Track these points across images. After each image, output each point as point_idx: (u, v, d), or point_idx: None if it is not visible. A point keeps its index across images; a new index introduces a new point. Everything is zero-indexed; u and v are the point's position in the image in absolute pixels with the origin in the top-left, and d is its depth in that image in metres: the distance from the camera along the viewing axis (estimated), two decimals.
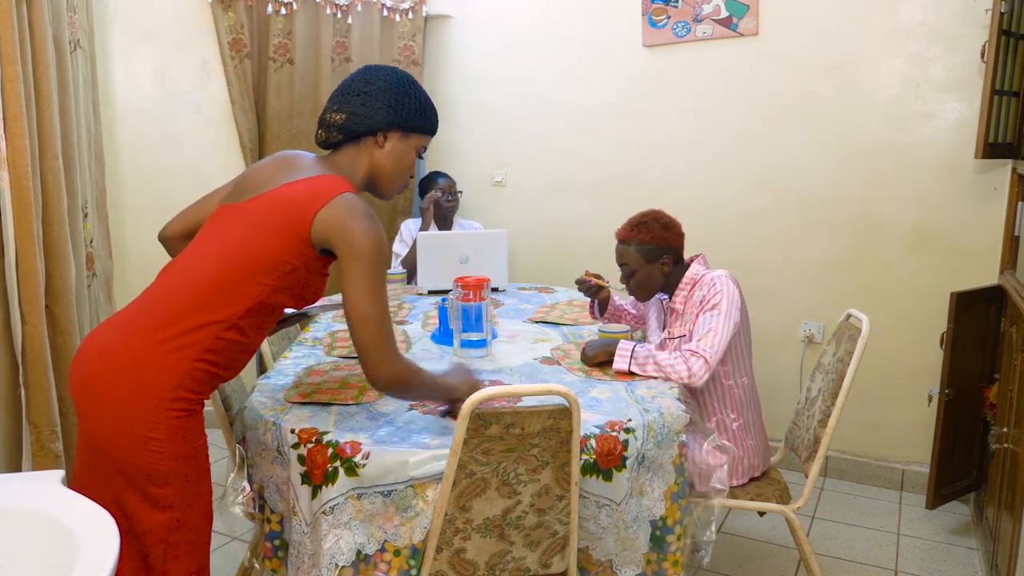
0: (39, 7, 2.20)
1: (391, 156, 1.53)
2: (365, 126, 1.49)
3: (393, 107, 1.50)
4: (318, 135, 1.55)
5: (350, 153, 1.52)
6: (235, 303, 1.39)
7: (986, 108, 2.44)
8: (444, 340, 2.21)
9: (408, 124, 1.53)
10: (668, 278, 2.09)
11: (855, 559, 2.44)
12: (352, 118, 1.49)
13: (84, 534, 0.98)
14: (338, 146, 1.53)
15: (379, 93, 1.49)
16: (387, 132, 1.51)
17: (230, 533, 2.56)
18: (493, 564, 1.50)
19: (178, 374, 1.35)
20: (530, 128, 3.50)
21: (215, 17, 3.22)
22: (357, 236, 1.37)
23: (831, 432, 1.87)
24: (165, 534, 1.36)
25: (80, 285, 2.53)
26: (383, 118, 1.49)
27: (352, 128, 1.49)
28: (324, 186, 1.42)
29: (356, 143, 1.52)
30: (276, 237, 1.40)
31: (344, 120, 1.49)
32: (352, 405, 1.67)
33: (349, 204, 1.39)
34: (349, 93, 1.50)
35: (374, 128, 1.50)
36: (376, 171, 1.54)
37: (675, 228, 2.09)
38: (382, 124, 1.50)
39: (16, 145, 2.07)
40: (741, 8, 2.96)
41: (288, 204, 1.41)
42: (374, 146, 1.52)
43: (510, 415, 1.38)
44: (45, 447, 2.20)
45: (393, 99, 1.50)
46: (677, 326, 2.05)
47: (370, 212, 1.41)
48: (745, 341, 2.05)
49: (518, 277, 3.47)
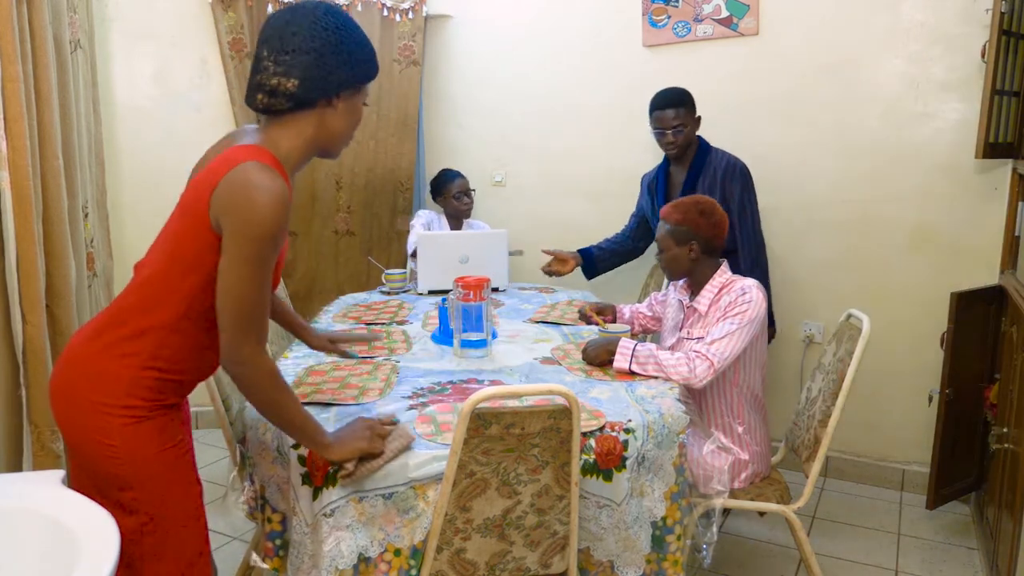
0: (39, 7, 2.20)
1: (344, 115, 1.35)
2: (320, 91, 1.30)
3: (348, 63, 1.31)
4: (257, 101, 1.31)
5: (290, 120, 1.32)
6: (171, 304, 1.29)
7: (986, 108, 2.44)
8: (444, 340, 2.21)
9: (363, 77, 1.36)
10: (696, 269, 2.05)
11: (855, 559, 2.43)
12: (306, 84, 1.28)
13: (84, 534, 0.98)
14: (280, 113, 1.32)
15: (330, 50, 1.29)
16: (340, 93, 1.33)
17: (230, 533, 2.56)
18: (493, 564, 1.50)
19: (125, 381, 1.28)
20: (530, 128, 3.50)
21: (215, 17, 3.22)
22: (244, 212, 1.19)
23: (831, 432, 1.87)
24: (137, 536, 1.30)
25: (80, 285, 2.53)
26: (339, 80, 1.31)
27: (307, 97, 1.29)
28: (224, 160, 1.25)
29: (303, 109, 1.32)
30: (190, 230, 1.26)
31: (296, 88, 1.28)
32: (352, 405, 1.67)
33: (244, 176, 1.21)
34: (294, 49, 1.27)
35: (329, 92, 1.31)
36: (329, 134, 1.36)
37: (713, 218, 2.03)
38: (339, 86, 1.31)
39: (16, 145, 2.07)
40: (741, 8, 2.96)
41: (195, 188, 1.27)
42: (326, 108, 1.33)
43: (510, 415, 1.38)
44: (46, 447, 2.20)
45: (345, 54, 1.31)
46: (697, 327, 2.03)
47: (269, 185, 1.21)
48: (760, 352, 2.03)
49: (518, 277, 3.47)
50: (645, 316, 2.41)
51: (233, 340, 1.24)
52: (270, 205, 1.20)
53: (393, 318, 2.55)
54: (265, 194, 1.20)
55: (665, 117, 2.63)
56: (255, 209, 1.19)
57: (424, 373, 1.93)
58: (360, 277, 3.61)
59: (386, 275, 3.06)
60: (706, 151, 2.66)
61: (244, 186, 1.20)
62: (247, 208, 1.19)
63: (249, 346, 1.25)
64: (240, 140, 1.33)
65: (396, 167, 3.55)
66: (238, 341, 1.24)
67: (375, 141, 3.51)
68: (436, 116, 3.70)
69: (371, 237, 3.60)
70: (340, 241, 3.59)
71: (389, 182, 3.56)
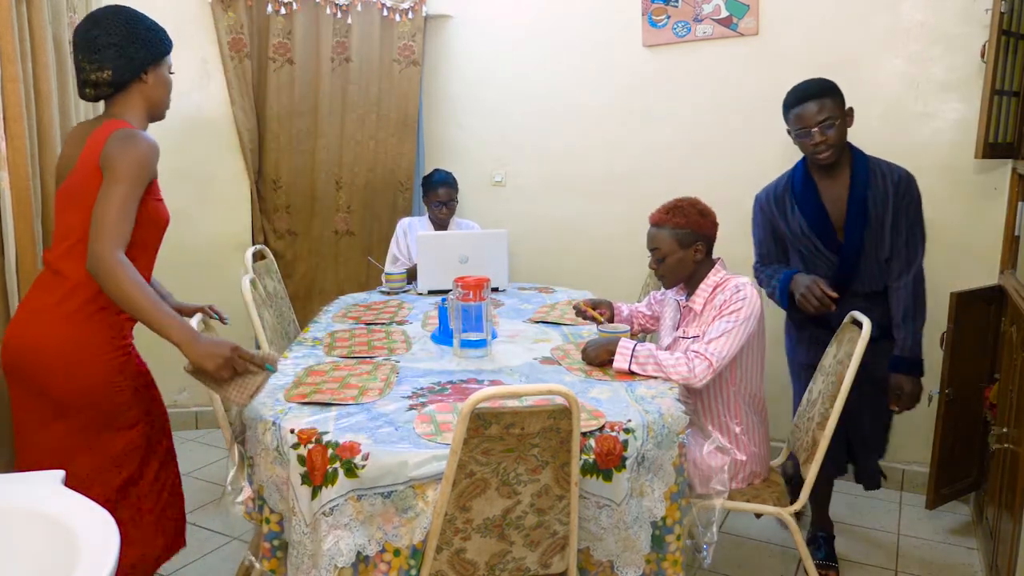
0: (39, 7, 2.20)
1: (156, 86, 1.75)
2: (130, 73, 1.69)
3: (144, 46, 1.70)
4: (86, 93, 1.71)
5: (122, 99, 1.71)
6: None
7: (986, 108, 2.44)
8: (444, 340, 2.21)
9: (159, 54, 1.74)
10: (694, 271, 2.05)
11: (855, 559, 2.43)
12: (117, 72, 1.67)
13: (84, 534, 0.98)
14: (109, 97, 1.72)
15: (126, 40, 1.67)
16: (146, 70, 1.71)
17: (230, 533, 2.56)
18: (493, 564, 1.50)
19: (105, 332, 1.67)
20: (530, 128, 3.50)
21: (215, 17, 3.22)
22: (119, 152, 1.58)
23: (830, 434, 1.86)
24: (141, 442, 1.74)
25: None
26: (141, 60, 1.70)
27: (119, 80, 1.69)
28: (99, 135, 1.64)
29: (124, 89, 1.71)
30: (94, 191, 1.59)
31: (111, 76, 1.67)
32: (352, 405, 1.67)
33: (117, 134, 1.61)
34: (99, 47, 1.66)
35: (136, 72, 1.70)
36: (151, 103, 1.75)
37: (711, 216, 2.05)
38: (142, 66, 1.70)
39: (16, 145, 2.07)
40: (741, 8, 2.96)
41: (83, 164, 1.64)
42: (140, 84, 1.72)
43: (510, 415, 1.38)
44: None
45: (140, 40, 1.69)
46: (693, 326, 2.03)
47: (137, 135, 1.62)
48: (758, 351, 2.03)
49: (518, 277, 3.47)
50: (644, 315, 2.40)
51: (96, 239, 1.54)
52: (136, 147, 1.60)
53: (393, 318, 2.55)
54: (129, 140, 1.60)
55: (807, 113, 2.15)
56: (136, 150, 1.60)
57: (424, 373, 1.93)
58: (360, 277, 3.61)
59: (386, 275, 3.06)
60: (865, 160, 2.20)
61: (125, 138, 1.61)
62: (131, 150, 1.59)
63: (106, 250, 1.53)
64: (93, 126, 1.70)
65: (396, 167, 3.55)
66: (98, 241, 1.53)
67: (375, 141, 3.51)
68: (436, 116, 3.71)
69: (371, 237, 3.61)
70: (340, 241, 3.59)
71: (389, 182, 3.56)
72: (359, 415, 1.61)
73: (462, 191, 3.52)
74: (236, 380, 1.57)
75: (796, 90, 2.23)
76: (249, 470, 1.66)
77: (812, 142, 2.15)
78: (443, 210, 3.23)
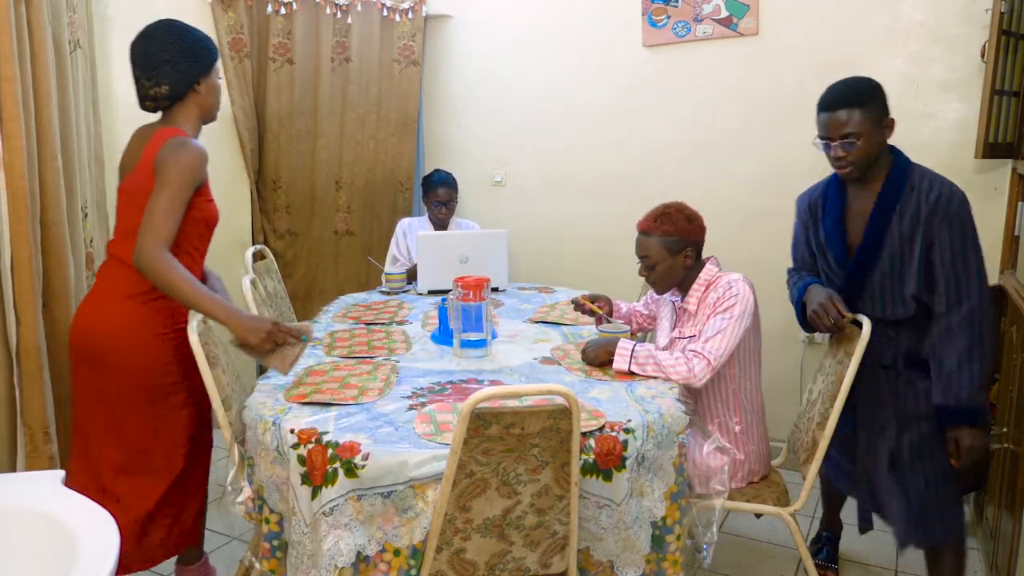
0: (38, 7, 2.20)
1: (208, 95, 1.94)
2: (184, 86, 1.88)
3: (195, 59, 1.88)
4: (147, 106, 1.92)
5: (178, 108, 1.91)
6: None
7: (986, 108, 2.44)
8: (444, 340, 2.21)
9: (208, 65, 1.92)
10: (685, 275, 2.06)
11: (855, 559, 2.43)
12: (173, 86, 1.87)
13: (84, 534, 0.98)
14: (167, 107, 1.91)
15: (179, 56, 1.86)
16: (199, 80, 1.90)
17: (230, 533, 2.56)
18: (493, 564, 1.50)
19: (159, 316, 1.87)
20: (530, 128, 3.50)
21: (215, 17, 3.21)
22: (171, 158, 1.77)
23: (829, 434, 1.87)
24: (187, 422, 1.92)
25: (79, 285, 2.53)
26: (194, 73, 1.88)
27: (176, 93, 1.88)
28: (156, 141, 1.83)
29: (181, 100, 1.90)
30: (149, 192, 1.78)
31: (168, 90, 1.87)
32: (352, 405, 1.67)
33: (171, 142, 1.79)
34: (156, 64, 1.85)
35: (191, 83, 1.89)
36: (204, 109, 1.95)
37: (698, 221, 2.06)
38: (195, 78, 1.89)
39: (12, 145, 2.06)
40: (741, 8, 2.96)
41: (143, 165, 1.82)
42: (194, 94, 1.91)
43: (510, 415, 1.38)
44: (39, 448, 2.19)
45: (191, 53, 1.87)
46: (688, 326, 2.03)
47: (189, 143, 1.80)
48: (754, 347, 2.03)
49: (518, 277, 3.47)
50: (642, 315, 2.40)
51: (144, 240, 1.71)
52: (185, 155, 1.78)
53: (393, 318, 2.55)
54: (180, 149, 1.78)
55: (833, 122, 1.87)
56: (185, 157, 1.77)
57: (424, 373, 1.93)
58: (360, 277, 3.61)
59: (386, 275, 3.06)
60: (905, 171, 1.89)
61: (177, 146, 1.79)
62: (181, 158, 1.77)
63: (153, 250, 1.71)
64: (152, 131, 1.89)
65: (396, 167, 3.55)
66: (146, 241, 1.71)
67: (375, 141, 3.51)
68: (436, 116, 3.70)
69: (371, 237, 3.60)
70: (340, 241, 3.59)
71: (389, 182, 3.56)
72: (359, 415, 1.61)
73: (462, 191, 3.52)
74: (277, 351, 1.75)
75: (829, 91, 1.95)
76: (249, 470, 1.66)
77: (833, 156, 1.91)
78: (443, 210, 3.23)
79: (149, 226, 1.72)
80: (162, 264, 1.70)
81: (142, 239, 1.71)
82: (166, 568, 2.32)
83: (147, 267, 1.71)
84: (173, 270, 1.71)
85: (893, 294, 1.91)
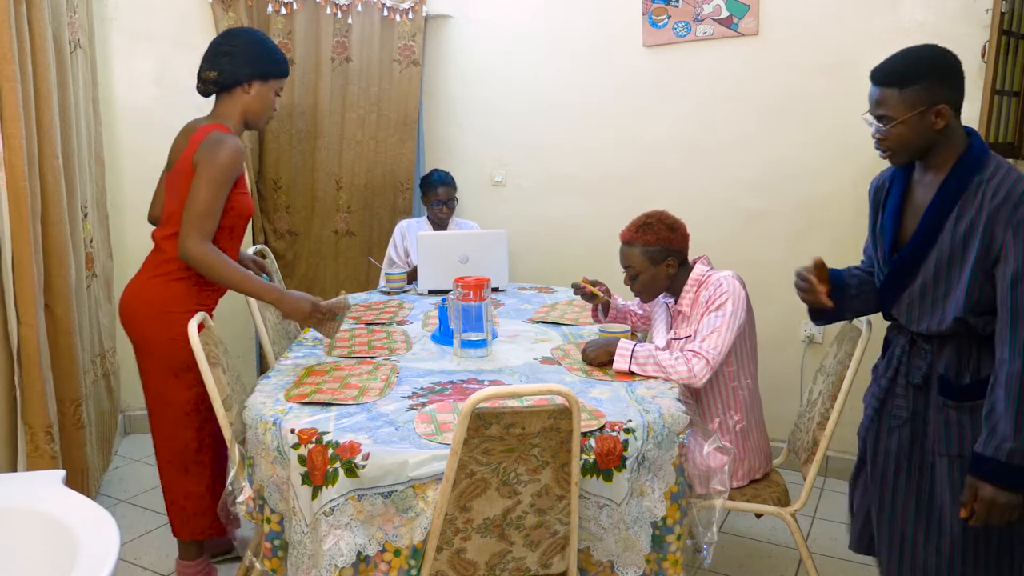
0: (39, 7, 2.20)
1: (256, 99, 2.05)
2: (233, 79, 2.00)
3: (252, 62, 2.00)
4: (198, 87, 2.06)
5: (225, 101, 2.04)
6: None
7: (986, 108, 2.44)
8: (444, 340, 2.21)
9: (266, 73, 2.03)
10: (673, 280, 2.07)
11: (855, 559, 2.43)
12: (222, 75, 2.00)
13: (84, 534, 0.98)
14: (216, 95, 2.05)
15: (240, 52, 1.99)
16: (251, 82, 2.02)
17: None
18: (493, 564, 1.50)
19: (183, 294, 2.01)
20: (530, 128, 3.50)
21: (215, 17, 3.22)
22: (208, 155, 1.89)
23: (829, 435, 1.87)
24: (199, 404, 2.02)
25: (80, 285, 2.53)
26: (247, 72, 2.00)
27: (223, 82, 2.01)
28: (197, 136, 1.95)
29: (228, 92, 2.03)
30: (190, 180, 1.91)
31: (216, 77, 2.00)
32: (352, 405, 1.67)
33: (210, 138, 1.92)
34: (217, 54, 2.00)
35: (240, 80, 2.01)
36: (247, 111, 2.05)
37: (680, 229, 2.07)
38: (246, 76, 2.01)
39: (13, 145, 2.07)
40: (741, 8, 2.96)
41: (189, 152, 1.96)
42: (243, 93, 2.03)
43: (510, 415, 1.38)
44: (40, 448, 2.19)
45: (252, 56, 2.00)
46: (683, 327, 2.04)
47: (226, 139, 1.91)
48: (750, 342, 2.04)
49: (518, 277, 3.47)
50: (636, 314, 2.41)
51: (187, 232, 1.88)
52: (226, 150, 1.91)
53: (393, 318, 2.55)
54: (221, 144, 1.91)
55: (870, 98, 1.58)
56: (217, 153, 1.89)
57: (424, 373, 1.93)
58: (360, 277, 3.61)
59: (386, 275, 3.06)
60: (978, 161, 1.50)
61: (208, 143, 1.91)
62: (218, 154, 1.89)
63: (196, 241, 1.87)
64: (198, 125, 2.03)
65: (396, 167, 3.55)
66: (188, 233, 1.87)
67: (375, 141, 3.51)
68: (436, 116, 3.70)
69: (371, 237, 3.60)
70: (340, 241, 3.59)
71: (389, 182, 3.56)
72: (359, 415, 1.61)
73: (462, 191, 3.52)
74: (319, 325, 2.01)
75: (877, 67, 1.59)
76: (249, 470, 1.66)
77: (873, 135, 1.59)
78: (443, 209, 3.23)
79: (190, 223, 1.87)
80: (208, 257, 1.87)
81: (185, 235, 1.87)
82: (166, 568, 2.32)
83: (195, 261, 1.87)
84: (221, 262, 1.89)
85: (933, 306, 1.57)
